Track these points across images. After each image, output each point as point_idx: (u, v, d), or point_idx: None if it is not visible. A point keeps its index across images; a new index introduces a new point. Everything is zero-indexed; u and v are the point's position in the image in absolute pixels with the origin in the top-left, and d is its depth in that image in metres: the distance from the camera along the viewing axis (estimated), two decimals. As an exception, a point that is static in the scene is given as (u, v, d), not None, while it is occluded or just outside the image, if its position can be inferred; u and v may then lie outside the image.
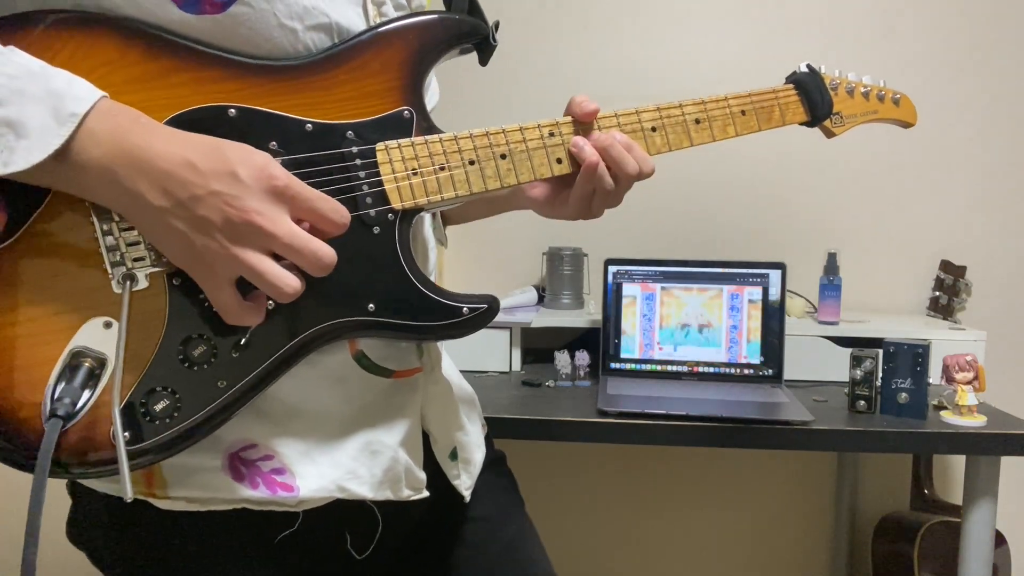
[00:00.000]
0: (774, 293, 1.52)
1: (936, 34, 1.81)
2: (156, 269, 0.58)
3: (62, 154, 0.52)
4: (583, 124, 0.76)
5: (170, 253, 0.56)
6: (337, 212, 0.58)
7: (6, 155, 0.51)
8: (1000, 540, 1.60)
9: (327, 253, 0.57)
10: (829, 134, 0.91)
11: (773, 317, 1.52)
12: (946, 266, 1.77)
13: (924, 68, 1.82)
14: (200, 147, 0.55)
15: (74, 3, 0.58)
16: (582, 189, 0.75)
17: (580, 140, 0.74)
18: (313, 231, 0.58)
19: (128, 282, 0.57)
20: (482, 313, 0.69)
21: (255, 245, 0.54)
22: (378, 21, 0.69)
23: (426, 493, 0.75)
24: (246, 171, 0.54)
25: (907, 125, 0.97)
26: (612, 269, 1.57)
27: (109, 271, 0.57)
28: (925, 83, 1.81)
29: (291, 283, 0.56)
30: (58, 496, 0.70)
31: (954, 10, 1.81)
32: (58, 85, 0.53)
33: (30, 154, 0.51)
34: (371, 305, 0.65)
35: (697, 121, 0.81)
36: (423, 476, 0.75)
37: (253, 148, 0.56)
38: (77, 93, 0.53)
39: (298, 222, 0.57)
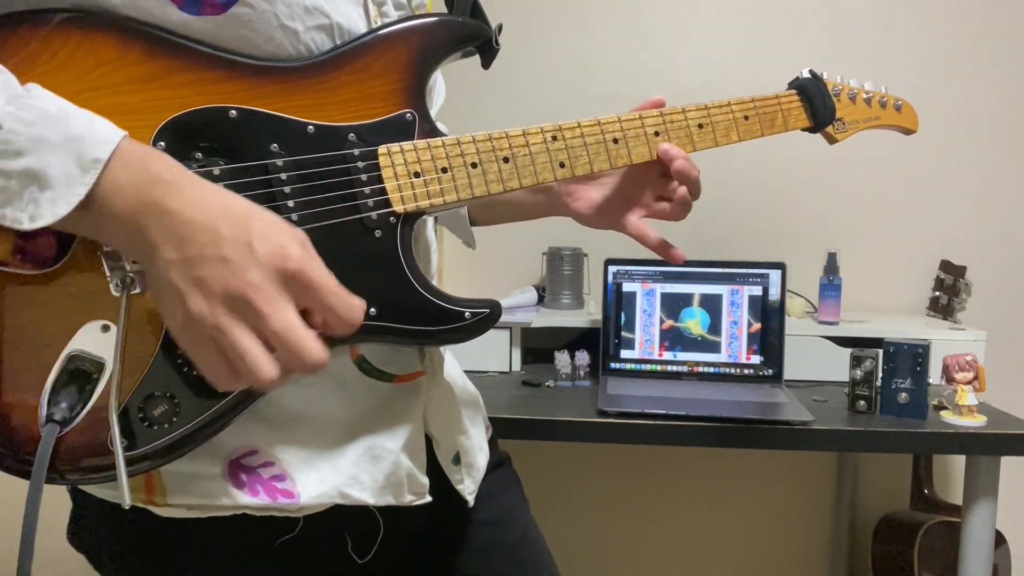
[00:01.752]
0: (774, 293, 1.52)
1: (936, 34, 1.81)
2: None
3: (86, 203, 0.50)
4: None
5: (161, 307, 0.53)
6: (350, 310, 0.53)
7: (32, 208, 0.50)
8: (1000, 540, 1.60)
9: (314, 356, 0.50)
10: (831, 140, 0.91)
11: (773, 317, 1.52)
12: (946, 266, 1.77)
13: (924, 68, 1.82)
14: (231, 210, 0.52)
15: (73, 2, 0.57)
16: (684, 194, 0.80)
17: (672, 148, 0.78)
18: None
19: (127, 285, 0.56)
20: (484, 318, 0.69)
21: (246, 321, 0.50)
22: (379, 22, 0.69)
23: (428, 498, 0.74)
24: (262, 245, 0.50)
25: (908, 132, 0.97)
26: (612, 269, 1.57)
27: (107, 274, 0.56)
28: (925, 83, 1.82)
29: (268, 372, 0.50)
30: (61, 497, 0.70)
31: (954, 10, 1.81)
32: (78, 129, 0.51)
33: (56, 207, 0.50)
34: (372, 309, 0.64)
35: (700, 126, 0.81)
36: (426, 481, 0.74)
37: (285, 224, 0.53)
38: (98, 136, 0.51)
39: (305, 311, 0.53)
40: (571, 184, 0.88)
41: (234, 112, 0.60)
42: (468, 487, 0.80)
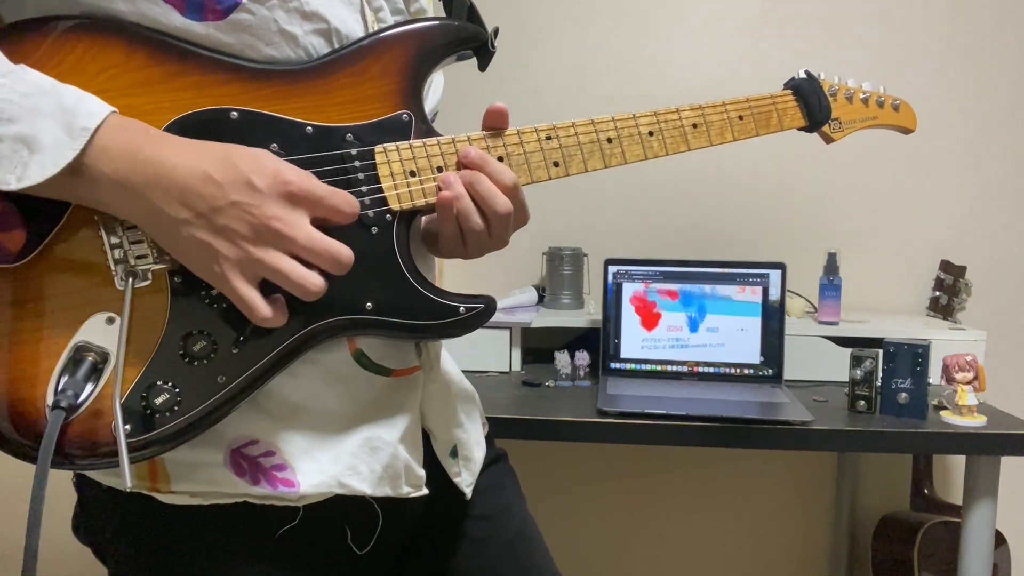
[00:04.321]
0: (774, 293, 1.52)
1: (936, 34, 1.81)
2: (158, 266, 0.60)
3: (76, 168, 0.54)
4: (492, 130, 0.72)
5: (191, 262, 0.58)
6: (349, 204, 0.61)
7: (20, 170, 0.52)
8: (1000, 540, 1.60)
9: (345, 253, 0.59)
10: (828, 139, 0.92)
11: (773, 317, 1.52)
12: (946, 266, 1.77)
13: (924, 68, 1.82)
14: (213, 158, 0.56)
15: (82, 11, 0.59)
16: (447, 228, 0.70)
17: (450, 176, 0.68)
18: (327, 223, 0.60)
19: (131, 278, 0.58)
20: (479, 313, 0.70)
21: (277, 248, 0.57)
22: (376, 27, 0.70)
23: (425, 490, 0.76)
24: (261, 179, 0.56)
25: (907, 131, 0.97)
26: (612, 269, 1.57)
27: (112, 268, 0.59)
28: (925, 83, 1.82)
29: (315, 281, 0.58)
30: (64, 493, 0.71)
31: (954, 10, 1.81)
32: (69, 102, 0.54)
33: (43, 168, 0.53)
34: (369, 304, 0.66)
35: (695, 126, 0.81)
36: (422, 473, 0.76)
37: (260, 151, 0.58)
38: (88, 108, 0.55)
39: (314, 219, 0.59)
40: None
41: (235, 114, 0.62)
42: (465, 480, 0.82)
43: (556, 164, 0.75)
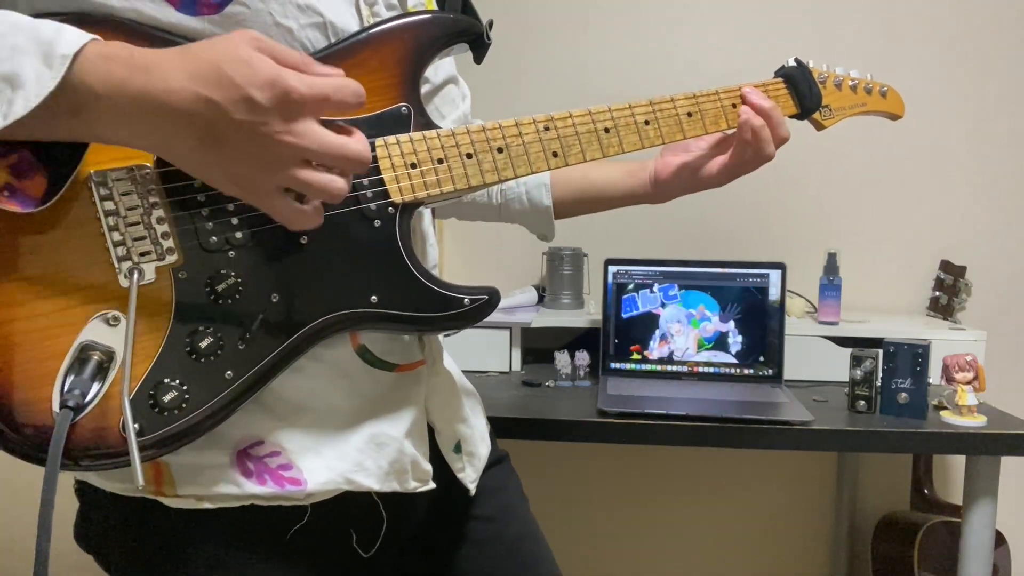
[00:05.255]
0: (774, 293, 1.52)
1: (936, 33, 1.81)
2: (162, 263, 0.59)
3: (63, 99, 0.52)
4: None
5: (214, 182, 0.57)
6: (356, 95, 0.57)
7: (5, 107, 0.51)
8: (1000, 540, 1.60)
9: (361, 150, 0.57)
10: (819, 127, 0.93)
11: (773, 317, 1.52)
12: (946, 266, 1.77)
13: (924, 67, 1.82)
14: (203, 76, 0.53)
15: (75, 7, 0.59)
16: (742, 153, 0.86)
17: (746, 108, 0.84)
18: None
19: (135, 276, 0.58)
20: (483, 304, 0.70)
21: (293, 161, 0.55)
22: (371, 20, 0.70)
23: (432, 485, 0.76)
24: (260, 93, 0.52)
25: (895, 117, 0.99)
26: (612, 269, 1.57)
27: (116, 265, 0.58)
28: (925, 82, 1.82)
29: (338, 184, 0.57)
30: (63, 497, 0.70)
31: (954, 9, 1.81)
32: (46, 34, 0.52)
33: (27, 101, 0.51)
34: (374, 297, 0.66)
35: (689, 114, 0.83)
36: (429, 468, 0.76)
37: (250, 54, 0.53)
38: (66, 38, 0.53)
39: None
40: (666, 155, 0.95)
41: None
42: (469, 475, 0.82)
43: (555, 154, 0.76)
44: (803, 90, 0.89)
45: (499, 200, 1.03)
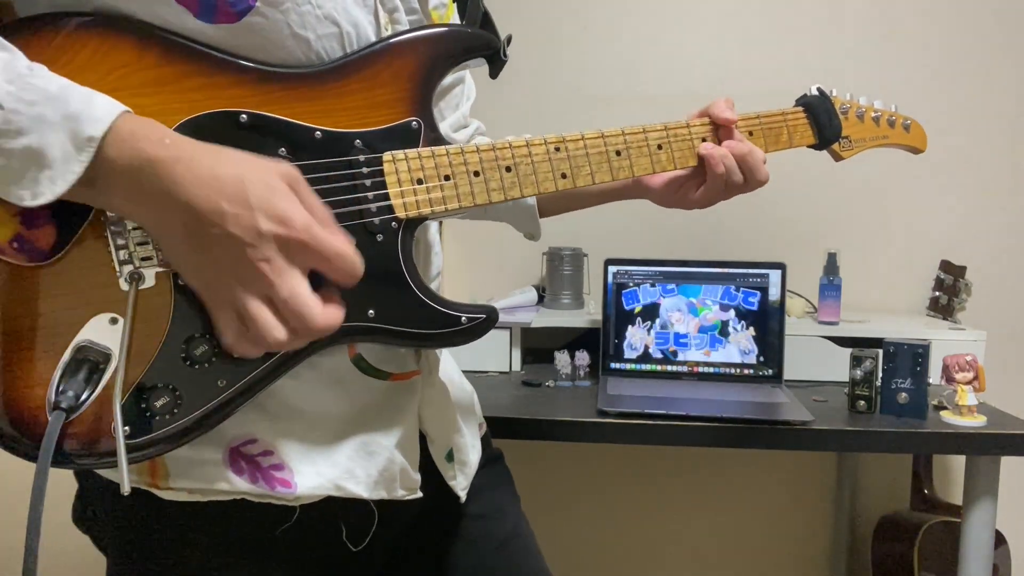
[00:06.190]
0: (774, 293, 1.52)
1: (936, 35, 1.81)
2: (163, 269, 0.59)
3: (88, 179, 0.52)
4: (716, 126, 0.82)
5: (181, 269, 0.58)
6: (350, 272, 0.58)
7: (33, 187, 0.52)
8: (1000, 540, 1.60)
9: (318, 320, 0.56)
10: (837, 157, 0.91)
11: (773, 317, 1.52)
12: (946, 266, 1.77)
13: (924, 68, 1.82)
14: (225, 183, 0.54)
15: (93, 7, 0.59)
16: (713, 186, 0.83)
17: (708, 146, 0.81)
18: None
19: (135, 280, 0.58)
20: (480, 323, 0.70)
21: (258, 291, 0.55)
22: (390, 30, 0.70)
23: (419, 494, 0.76)
24: (267, 223, 0.53)
25: (917, 151, 0.97)
26: (612, 269, 1.57)
27: (117, 269, 0.58)
28: (925, 83, 1.81)
29: (277, 335, 0.55)
30: (64, 484, 0.71)
31: (954, 11, 1.81)
32: (76, 108, 0.52)
33: (54, 185, 0.52)
34: (371, 311, 0.66)
35: (704, 140, 0.82)
36: (418, 477, 0.76)
37: (277, 185, 0.55)
38: (95, 114, 0.53)
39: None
40: None
41: (244, 116, 0.62)
42: (460, 483, 0.82)
43: (564, 175, 0.75)
44: (823, 121, 0.88)
45: None
